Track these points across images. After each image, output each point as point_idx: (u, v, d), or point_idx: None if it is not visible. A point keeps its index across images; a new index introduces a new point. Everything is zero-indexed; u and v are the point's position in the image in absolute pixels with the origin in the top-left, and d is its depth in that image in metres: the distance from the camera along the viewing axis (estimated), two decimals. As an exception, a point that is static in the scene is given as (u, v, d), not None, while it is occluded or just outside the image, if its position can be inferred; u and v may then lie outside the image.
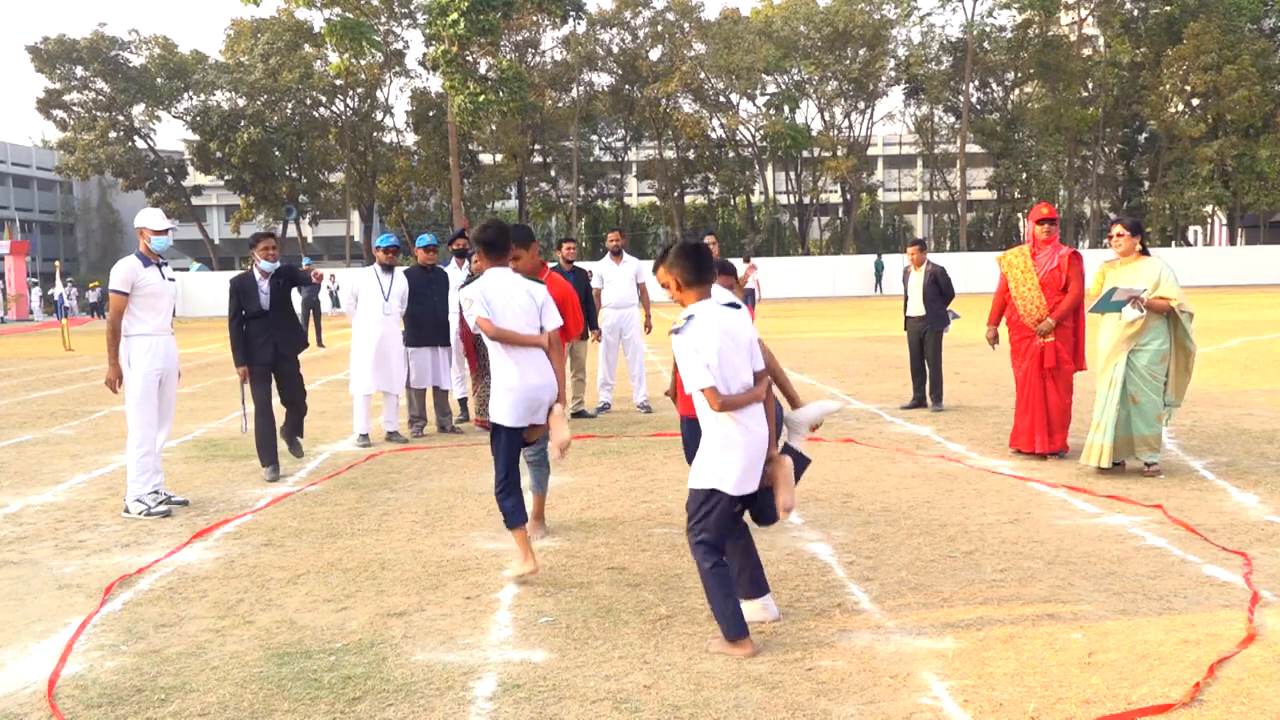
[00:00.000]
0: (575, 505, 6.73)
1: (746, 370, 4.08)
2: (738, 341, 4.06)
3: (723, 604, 4.05)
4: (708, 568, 4.07)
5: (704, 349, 3.94)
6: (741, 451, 4.03)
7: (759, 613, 4.40)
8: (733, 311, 4.12)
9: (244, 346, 7.80)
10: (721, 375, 3.97)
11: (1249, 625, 4.21)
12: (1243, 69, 48.06)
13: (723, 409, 3.95)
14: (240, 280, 7.92)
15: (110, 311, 6.84)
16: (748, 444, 4.04)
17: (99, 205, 78.71)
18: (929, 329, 10.66)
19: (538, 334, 5.23)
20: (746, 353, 4.10)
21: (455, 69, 43.75)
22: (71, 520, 6.72)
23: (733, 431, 4.02)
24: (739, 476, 4.04)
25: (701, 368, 3.92)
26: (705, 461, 4.09)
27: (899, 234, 72.66)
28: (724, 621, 4.07)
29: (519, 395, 5.12)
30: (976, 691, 3.67)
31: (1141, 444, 7.08)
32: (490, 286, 5.18)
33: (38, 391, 15.08)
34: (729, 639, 4.06)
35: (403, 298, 9.53)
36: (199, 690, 3.87)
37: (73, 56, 52.47)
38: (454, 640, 4.32)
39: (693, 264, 4.09)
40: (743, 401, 4.01)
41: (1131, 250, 7.26)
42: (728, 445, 4.03)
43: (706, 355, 3.94)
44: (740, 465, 4.03)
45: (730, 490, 4.04)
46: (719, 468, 4.04)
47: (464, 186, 52.76)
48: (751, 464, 4.07)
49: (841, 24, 53.31)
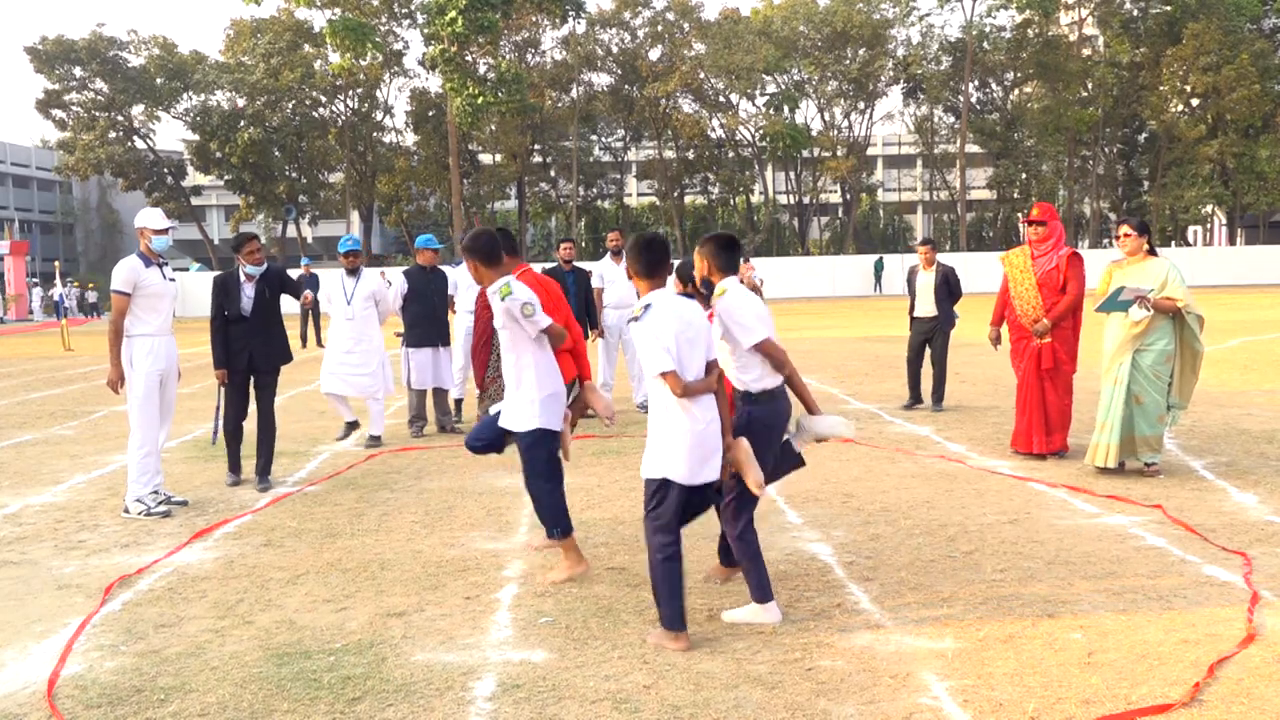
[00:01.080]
0: (575, 505, 6.72)
1: (701, 360, 4.17)
2: (694, 331, 4.16)
3: (669, 595, 4.13)
4: (659, 559, 4.16)
5: (663, 335, 4.06)
6: (692, 441, 4.10)
7: (760, 615, 4.41)
8: (689, 302, 4.26)
9: (224, 349, 7.57)
10: (679, 362, 4.07)
11: (1249, 625, 4.21)
12: (1242, 69, 48.04)
13: (684, 394, 4.04)
14: (224, 279, 7.70)
15: (112, 312, 6.83)
16: (699, 434, 4.10)
17: (99, 205, 78.69)
18: (939, 329, 10.65)
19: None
20: (703, 343, 4.19)
21: (454, 69, 43.73)
22: (71, 520, 6.72)
23: (683, 422, 4.10)
24: (689, 466, 4.11)
25: (662, 352, 4.03)
26: (656, 452, 4.18)
27: (899, 234, 72.67)
28: (668, 610, 4.14)
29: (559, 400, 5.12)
30: (976, 691, 3.67)
31: (1143, 444, 7.08)
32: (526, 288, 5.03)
33: (38, 391, 15.08)
34: (669, 628, 4.14)
35: (375, 298, 9.46)
36: (199, 690, 3.86)
37: (71, 57, 52.40)
38: (454, 640, 4.32)
39: (646, 256, 4.28)
40: (698, 390, 4.09)
41: (1139, 250, 7.26)
42: (677, 435, 4.11)
43: (665, 341, 4.05)
44: (691, 455, 4.10)
45: (681, 480, 4.12)
46: (670, 458, 4.13)
47: (464, 186, 52.75)
48: (705, 454, 4.14)
49: (841, 24, 53.30)
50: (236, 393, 7.67)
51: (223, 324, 7.62)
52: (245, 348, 7.61)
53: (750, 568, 4.44)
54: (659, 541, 4.18)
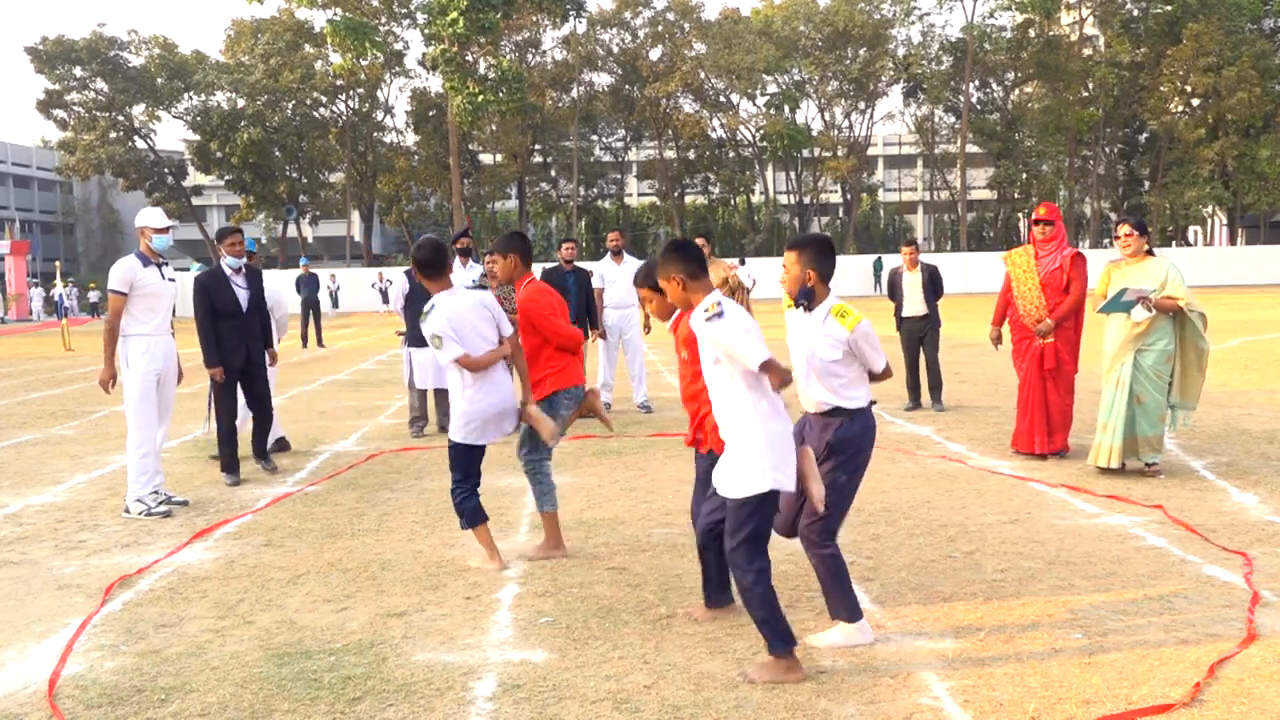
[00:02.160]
0: (575, 505, 6.72)
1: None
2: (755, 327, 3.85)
3: (777, 617, 3.75)
4: (757, 581, 3.74)
5: (751, 327, 3.72)
6: (787, 441, 3.79)
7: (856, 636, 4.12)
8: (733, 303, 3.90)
9: (218, 346, 7.63)
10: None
11: (1249, 625, 4.21)
12: (1243, 70, 48.04)
13: (783, 385, 3.66)
14: (211, 278, 7.73)
15: (109, 311, 6.83)
16: (783, 432, 3.79)
17: (99, 205, 78.70)
18: (929, 328, 10.67)
19: (498, 346, 5.33)
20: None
21: (455, 69, 43.75)
22: (71, 520, 6.72)
23: (775, 422, 3.76)
24: (789, 470, 3.76)
25: (759, 342, 3.68)
26: (751, 461, 3.73)
27: (899, 234, 72.64)
28: (779, 633, 3.74)
29: (480, 420, 5.24)
30: (976, 691, 3.67)
31: (1144, 444, 7.07)
32: (453, 315, 5.17)
33: (38, 391, 15.08)
34: (781, 655, 3.76)
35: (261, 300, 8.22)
36: (199, 690, 3.87)
37: (72, 57, 52.44)
38: (454, 640, 4.32)
39: (694, 254, 3.97)
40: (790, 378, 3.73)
41: (1139, 250, 7.25)
42: (774, 437, 3.74)
43: (758, 332, 3.72)
44: (787, 457, 3.77)
45: (787, 487, 3.77)
46: (772, 465, 3.72)
47: (464, 186, 52.75)
48: (791, 452, 3.81)
49: (841, 24, 53.30)
50: (228, 393, 7.78)
51: (213, 321, 7.66)
52: (241, 344, 7.75)
53: (836, 586, 4.11)
54: (761, 564, 3.75)
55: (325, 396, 13.25)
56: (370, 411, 11.69)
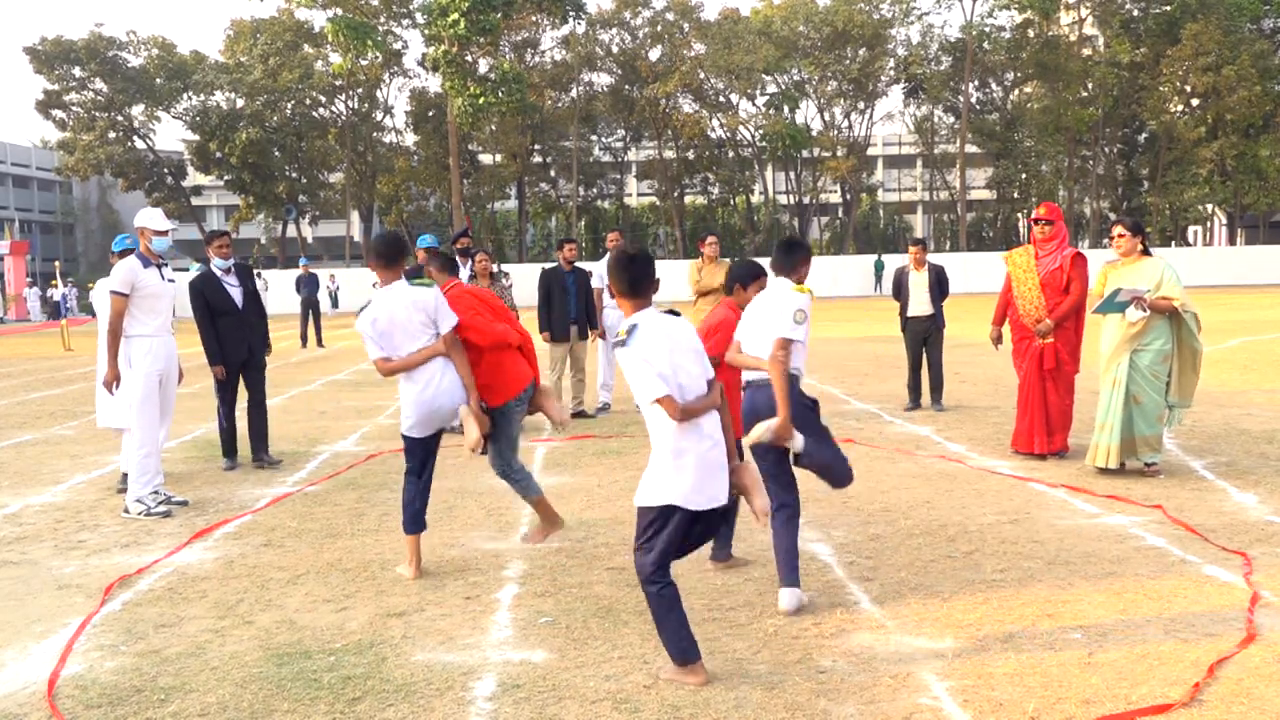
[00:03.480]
0: (575, 505, 6.73)
1: (700, 378, 3.84)
2: (686, 349, 3.83)
3: (676, 627, 3.78)
4: (656, 591, 3.77)
5: (654, 359, 3.72)
6: (697, 463, 3.77)
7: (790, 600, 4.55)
8: (675, 319, 3.88)
9: (219, 344, 8.01)
10: (676, 384, 3.74)
11: (1249, 625, 4.21)
12: (1242, 69, 48.05)
13: (683, 419, 3.72)
14: (204, 281, 8.04)
15: (110, 312, 6.83)
16: (703, 455, 3.78)
17: (99, 205, 78.69)
18: (934, 328, 10.67)
19: (432, 344, 5.18)
20: (697, 360, 3.86)
21: (455, 69, 43.74)
22: (71, 520, 6.72)
23: (686, 443, 3.76)
24: (696, 491, 3.76)
25: (654, 378, 3.70)
26: (656, 477, 3.80)
27: (899, 234, 72.69)
28: (677, 644, 3.78)
29: (421, 412, 5.20)
30: (976, 691, 3.67)
31: (1143, 444, 7.07)
32: (379, 315, 5.13)
33: (37, 392, 15.08)
34: (681, 663, 3.79)
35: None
36: (199, 690, 3.86)
37: (71, 57, 52.44)
38: (454, 640, 4.32)
39: (629, 274, 3.84)
40: (698, 410, 3.77)
41: (1133, 250, 7.25)
42: (682, 458, 3.75)
43: (658, 365, 3.71)
44: (698, 479, 3.76)
45: (688, 505, 3.75)
46: (674, 482, 3.76)
47: (463, 186, 52.75)
48: (712, 477, 3.81)
49: (841, 24, 53.31)
50: (230, 389, 8.18)
51: (211, 321, 8.00)
52: (243, 340, 8.11)
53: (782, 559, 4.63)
54: (656, 574, 3.77)
55: (325, 396, 13.25)
56: (370, 411, 11.70)
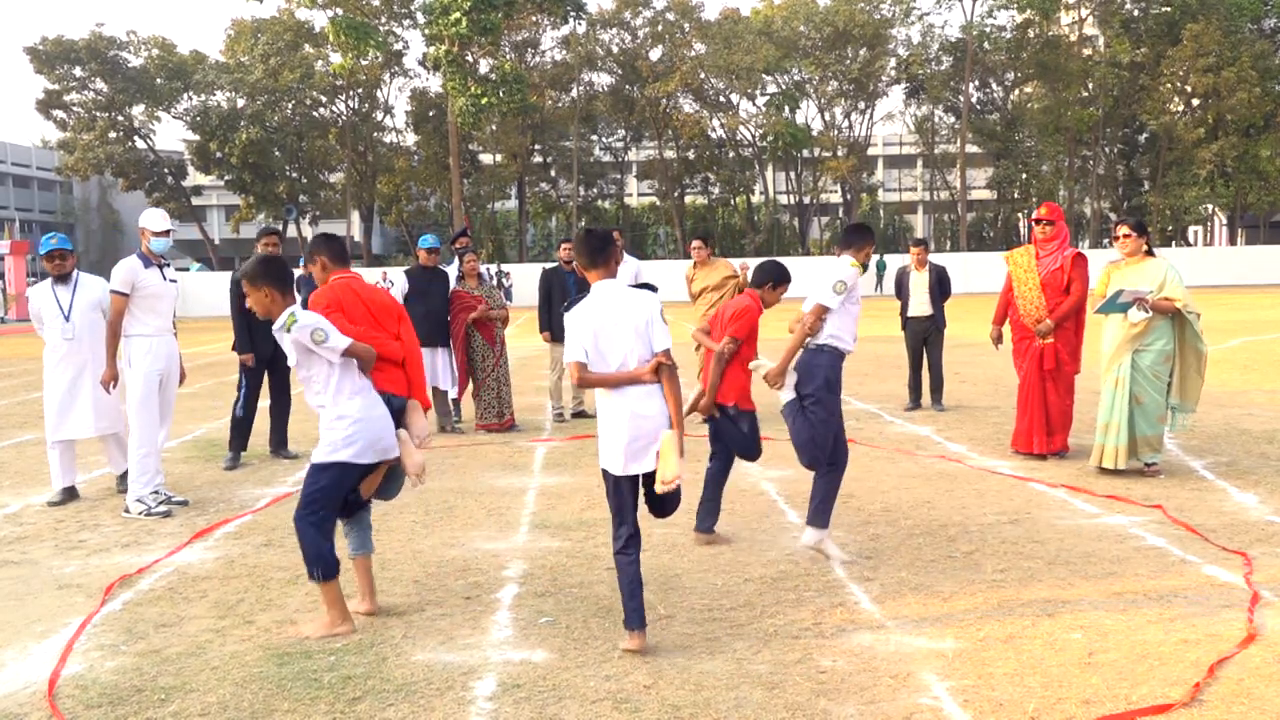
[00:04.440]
0: (575, 505, 6.73)
1: (626, 352, 4.15)
2: (621, 323, 4.16)
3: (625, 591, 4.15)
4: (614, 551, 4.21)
5: (580, 327, 4.17)
6: (619, 432, 4.12)
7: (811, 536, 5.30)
8: (631, 293, 4.26)
9: (249, 336, 8.31)
10: (598, 352, 4.15)
11: (1249, 625, 4.21)
12: (1242, 70, 48.02)
13: (580, 384, 4.20)
14: None
15: (110, 312, 6.86)
16: (626, 424, 4.11)
17: (99, 205, 78.69)
18: (935, 328, 10.67)
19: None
20: (629, 335, 4.16)
21: (456, 69, 43.72)
22: (71, 520, 6.72)
23: (613, 412, 4.16)
24: (621, 456, 4.11)
25: (573, 342, 4.18)
26: (600, 442, 4.25)
27: (899, 234, 72.63)
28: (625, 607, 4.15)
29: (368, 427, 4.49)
30: (976, 691, 3.67)
31: (1144, 444, 7.07)
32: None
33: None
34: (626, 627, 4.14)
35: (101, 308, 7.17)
36: (199, 690, 3.87)
37: (71, 57, 52.40)
38: (454, 640, 4.32)
39: (586, 248, 4.30)
40: (602, 380, 4.15)
41: (1137, 251, 7.24)
42: (610, 426, 4.16)
43: (579, 333, 4.17)
44: (621, 445, 4.11)
45: (615, 471, 4.14)
46: (604, 449, 4.19)
47: (464, 186, 52.74)
48: (638, 446, 4.11)
49: (841, 24, 53.27)
50: (255, 383, 8.47)
51: (246, 312, 8.04)
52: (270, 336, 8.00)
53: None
54: (613, 533, 4.23)
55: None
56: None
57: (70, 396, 7.16)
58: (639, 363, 4.15)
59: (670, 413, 4.16)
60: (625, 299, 4.21)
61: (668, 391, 4.17)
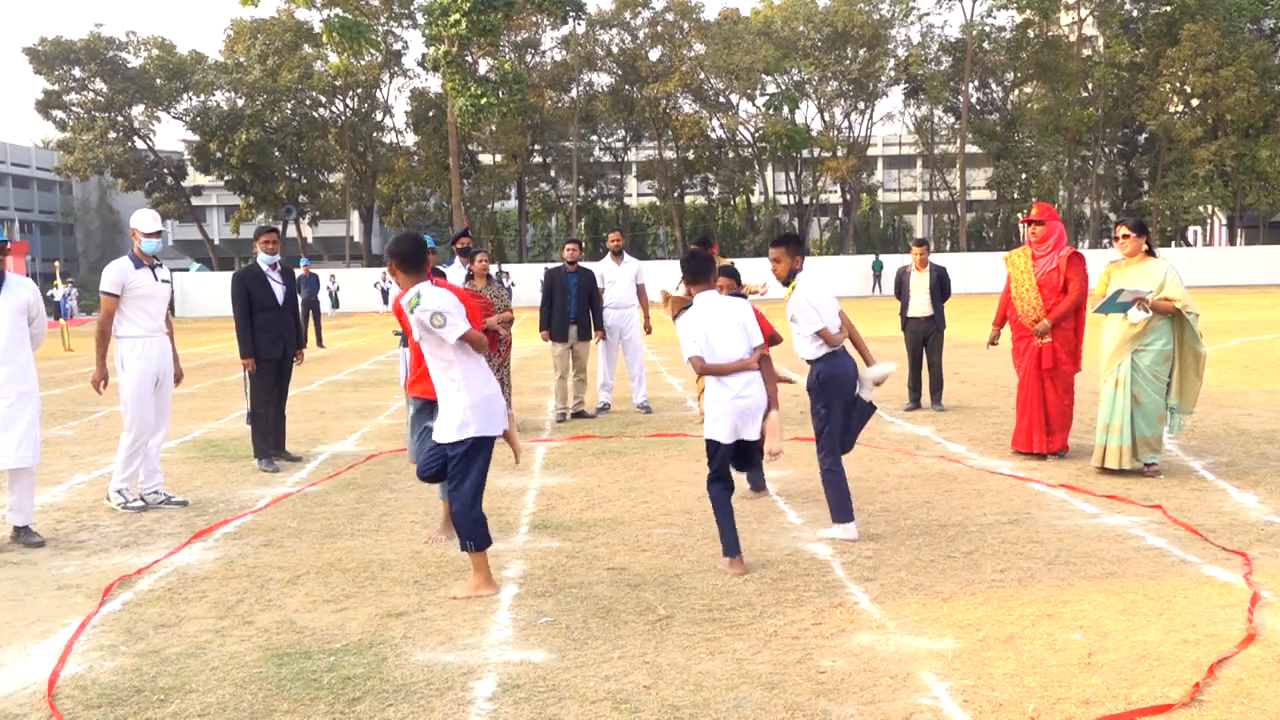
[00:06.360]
0: (575, 505, 6.73)
1: (734, 346, 5.16)
2: (727, 322, 5.20)
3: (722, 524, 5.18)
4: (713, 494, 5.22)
5: (693, 328, 5.17)
6: (728, 409, 5.12)
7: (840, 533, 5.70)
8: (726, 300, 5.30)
9: (253, 339, 8.13)
10: (710, 347, 5.13)
11: (1249, 625, 4.21)
12: (1241, 70, 48.03)
13: (702, 373, 5.20)
14: (249, 273, 8.23)
15: (100, 313, 6.89)
16: (732, 402, 5.11)
17: (99, 205, 78.69)
18: (934, 329, 10.68)
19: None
20: (734, 333, 5.19)
21: (456, 70, 43.71)
22: (71, 520, 6.72)
23: (722, 394, 5.14)
24: (728, 430, 5.14)
25: (689, 341, 5.16)
26: (708, 418, 5.23)
27: (899, 234, 72.68)
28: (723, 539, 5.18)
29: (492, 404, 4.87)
30: (976, 691, 3.67)
31: (1143, 444, 7.07)
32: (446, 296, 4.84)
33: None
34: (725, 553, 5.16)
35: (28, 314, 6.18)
36: (199, 690, 3.86)
37: (70, 58, 52.43)
38: (454, 640, 4.32)
39: (689, 266, 5.40)
40: (723, 370, 5.12)
41: (1138, 251, 7.24)
42: (718, 405, 5.15)
43: (694, 333, 5.16)
44: (730, 421, 5.13)
45: (722, 440, 5.15)
46: (714, 423, 5.17)
47: (464, 187, 52.74)
48: (743, 420, 5.14)
49: (841, 24, 53.30)
50: (266, 381, 8.25)
51: (249, 315, 8.12)
52: (279, 337, 8.22)
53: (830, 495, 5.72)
54: (715, 489, 5.21)
55: (325, 397, 13.25)
56: (370, 412, 11.70)
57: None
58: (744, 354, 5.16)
59: (770, 394, 5.17)
60: (725, 305, 5.25)
61: (766, 377, 5.18)
